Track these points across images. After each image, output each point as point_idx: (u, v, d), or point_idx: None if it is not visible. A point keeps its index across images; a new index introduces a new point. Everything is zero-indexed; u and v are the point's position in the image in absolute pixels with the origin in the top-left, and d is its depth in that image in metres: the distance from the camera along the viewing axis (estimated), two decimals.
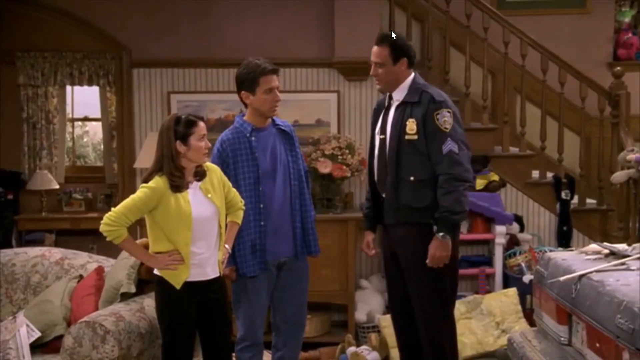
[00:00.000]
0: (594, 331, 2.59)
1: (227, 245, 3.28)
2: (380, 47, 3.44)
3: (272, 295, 3.54)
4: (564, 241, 5.34)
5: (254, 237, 3.42)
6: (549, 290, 3.09)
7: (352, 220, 5.02)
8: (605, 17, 6.49)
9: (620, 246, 3.09)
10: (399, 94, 3.47)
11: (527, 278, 4.77)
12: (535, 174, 5.54)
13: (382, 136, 3.51)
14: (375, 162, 3.58)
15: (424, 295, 3.43)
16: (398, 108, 3.46)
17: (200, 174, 3.16)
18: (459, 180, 3.32)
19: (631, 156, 4.77)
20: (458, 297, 3.91)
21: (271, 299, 3.55)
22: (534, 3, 6.50)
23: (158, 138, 3.12)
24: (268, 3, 5.49)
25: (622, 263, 2.84)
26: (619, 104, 5.34)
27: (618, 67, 5.59)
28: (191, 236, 3.06)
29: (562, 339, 3.00)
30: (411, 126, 3.38)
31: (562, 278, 2.85)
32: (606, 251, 3.04)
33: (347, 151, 5.18)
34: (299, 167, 3.57)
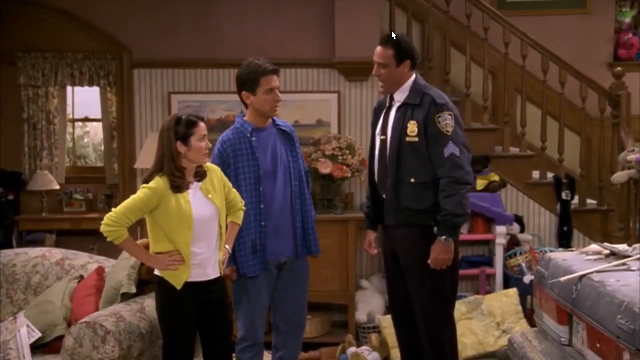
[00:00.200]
0: (595, 331, 2.59)
1: (228, 245, 3.28)
2: (384, 48, 3.44)
3: (273, 295, 3.54)
4: (565, 241, 5.34)
5: (255, 237, 3.42)
6: (550, 290, 3.09)
7: (353, 220, 5.02)
8: (605, 18, 6.50)
9: (620, 246, 3.09)
10: (400, 95, 3.46)
11: (528, 278, 4.77)
12: (535, 174, 5.54)
13: (383, 137, 3.51)
14: (375, 163, 3.58)
15: (424, 295, 3.43)
16: (399, 109, 3.46)
17: (200, 175, 3.16)
18: (461, 183, 3.32)
19: (632, 156, 4.77)
20: (458, 298, 3.91)
21: (271, 299, 3.55)
22: (534, 3, 6.50)
23: (158, 138, 3.12)
24: (268, 3, 5.49)
25: (623, 263, 2.84)
26: (620, 104, 5.34)
27: (618, 68, 5.60)
28: (192, 236, 3.06)
29: (563, 340, 3.00)
30: (412, 128, 3.38)
31: (563, 278, 2.85)
32: (607, 251, 3.05)
33: (348, 151, 5.18)
34: (300, 167, 3.57)
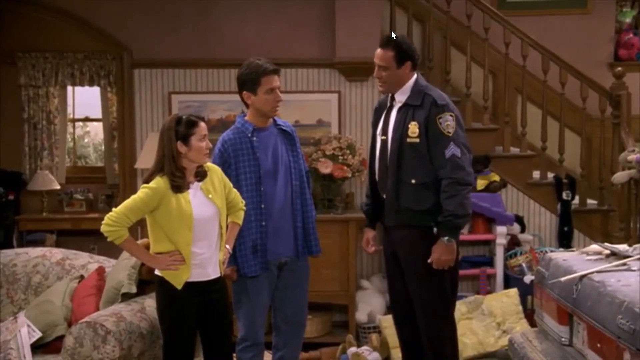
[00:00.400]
0: (595, 332, 2.59)
1: (228, 245, 3.28)
2: (384, 50, 3.43)
3: (273, 295, 3.54)
4: (565, 242, 5.33)
5: (255, 237, 3.42)
6: (550, 290, 3.09)
7: (353, 220, 5.01)
8: (606, 18, 6.50)
9: (621, 247, 3.09)
10: (402, 96, 3.46)
11: (528, 278, 4.77)
12: (536, 175, 5.54)
13: (384, 137, 3.50)
14: (376, 163, 3.58)
15: (425, 295, 3.43)
16: (400, 110, 3.46)
17: (201, 175, 3.16)
18: (462, 184, 3.32)
19: (632, 156, 4.77)
20: (459, 298, 3.91)
21: (272, 299, 3.55)
22: (535, 3, 6.50)
23: (159, 138, 3.12)
24: (269, 3, 5.49)
25: (623, 263, 2.84)
26: (620, 105, 5.33)
27: (619, 68, 5.60)
28: (192, 236, 3.06)
29: (563, 340, 3.00)
30: (413, 129, 3.37)
31: (563, 278, 2.85)
32: (607, 252, 3.05)
33: (348, 151, 5.18)
34: (300, 167, 3.57)
